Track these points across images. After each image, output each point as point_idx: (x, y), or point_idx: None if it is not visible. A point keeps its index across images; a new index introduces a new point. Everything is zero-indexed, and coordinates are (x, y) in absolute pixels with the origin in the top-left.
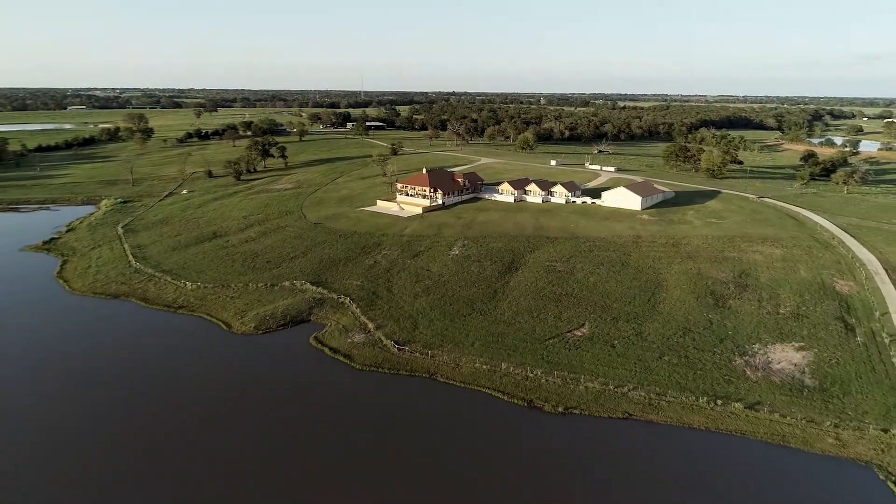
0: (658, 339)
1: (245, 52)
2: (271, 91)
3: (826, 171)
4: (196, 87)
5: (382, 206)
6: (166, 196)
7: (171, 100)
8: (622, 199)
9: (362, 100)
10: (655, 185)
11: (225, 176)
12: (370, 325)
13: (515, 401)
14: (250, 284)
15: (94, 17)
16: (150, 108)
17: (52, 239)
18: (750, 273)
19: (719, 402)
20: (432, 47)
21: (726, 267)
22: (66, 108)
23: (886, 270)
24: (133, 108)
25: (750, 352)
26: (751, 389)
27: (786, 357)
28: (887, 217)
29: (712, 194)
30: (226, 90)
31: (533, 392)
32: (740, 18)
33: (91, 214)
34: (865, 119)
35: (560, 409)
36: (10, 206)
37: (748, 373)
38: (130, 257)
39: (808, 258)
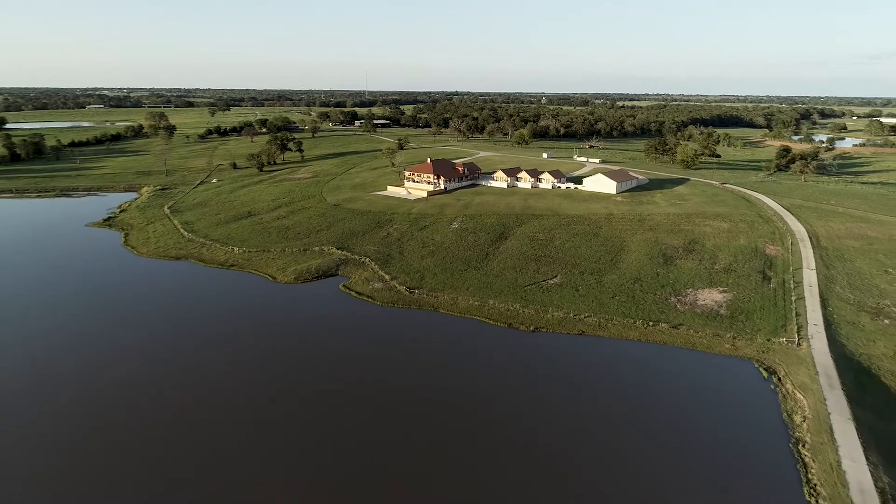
0: (613, 285)
1: (249, 53)
2: (277, 91)
3: (793, 162)
4: (202, 87)
5: (392, 190)
6: (199, 184)
7: (182, 99)
8: (600, 184)
9: (367, 99)
10: (630, 173)
11: (248, 167)
12: (386, 277)
13: (498, 324)
14: (286, 249)
15: (97, 18)
16: (163, 106)
17: (110, 217)
18: (698, 241)
19: (651, 323)
20: (435, 48)
21: (680, 236)
22: (83, 108)
23: (810, 238)
24: (148, 107)
25: (683, 293)
26: (677, 316)
27: (710, 297)
28: (827, 199)
29: (681, 181)
30: (232, 90)
31: (512, 318)
32: (743, 19)
33: (136, 199)
34: (855, 118)
35: (531, 329)
36: (63, 193)
37: (678, 306)
38: (182, 230)
39: (749, 230)
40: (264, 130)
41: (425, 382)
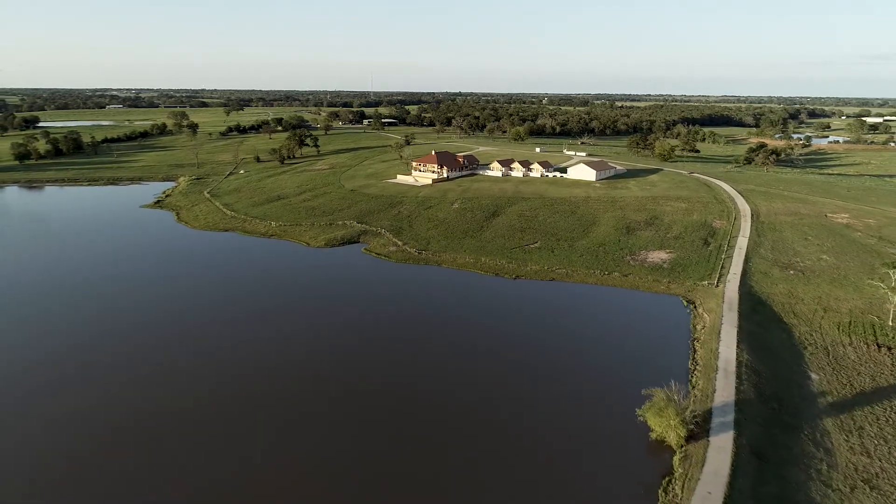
0: (582, 248)
1: (252, 53)
2: (284, 91)
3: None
4: (208, 88)
5: (401, 178)
6: (229, 175)
7: (193, 99)
8: (582, 172)
9: (372, 99)
10: (610, 164)
11: (270, 161)
12: (399, 242)
13: (487, 274)
14: (315, 223)
15: (100, 19)
16: (179, 106)
17: (159, 201)
18: (658, 217)
19: (607, 273)
20: (437, 50)
21: (644, 213)
22: (103, 108)
23: (752, 215)
24: (165, 107)
25: (637, 254)
26: (629, 269)
27: (658, 256)
28: (776, 185)
29: (655, 171)
30: (239, 90)
31: (498, 270)
32: (745, 20)
33: (175, 187)
34: (844, 117)
35: (513, 277)
36: (110, 182)
37: (631, 262)
38: (224, 210)
39: (703, 208)
40: (280, 128)
41: (432, 311)
